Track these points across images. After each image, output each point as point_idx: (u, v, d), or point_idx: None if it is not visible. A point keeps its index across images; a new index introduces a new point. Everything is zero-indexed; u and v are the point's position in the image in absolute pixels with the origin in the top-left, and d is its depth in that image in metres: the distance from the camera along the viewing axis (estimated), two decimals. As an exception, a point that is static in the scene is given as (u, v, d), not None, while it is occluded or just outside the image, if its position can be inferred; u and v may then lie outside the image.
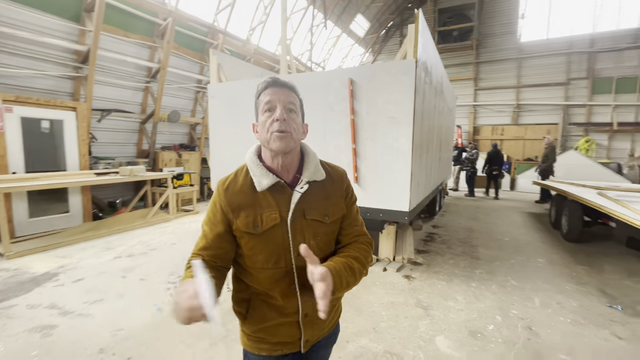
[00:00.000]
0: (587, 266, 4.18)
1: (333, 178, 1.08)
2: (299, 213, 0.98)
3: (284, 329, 1.02)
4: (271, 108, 0.95)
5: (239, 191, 0.99)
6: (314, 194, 1.01)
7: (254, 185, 0.98)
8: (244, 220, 0.96)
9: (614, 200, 4.40)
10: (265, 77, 1.01)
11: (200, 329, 2.67)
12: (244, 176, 1.01)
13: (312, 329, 1.05)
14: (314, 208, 1.01)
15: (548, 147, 8.84)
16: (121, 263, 4.18)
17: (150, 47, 7.13)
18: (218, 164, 5.01)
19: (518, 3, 12.95)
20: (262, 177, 0.97)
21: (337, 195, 1.07)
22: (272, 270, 0.98)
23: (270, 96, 0.96)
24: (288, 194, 0.99)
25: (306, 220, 0.99)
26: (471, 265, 4.21)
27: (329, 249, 1.05)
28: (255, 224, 0.96)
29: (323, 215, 1.02)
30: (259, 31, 9.96)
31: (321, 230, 1.02)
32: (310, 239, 0.99)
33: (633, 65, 11.40)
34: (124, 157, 7.39)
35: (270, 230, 0.96)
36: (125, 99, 7.06)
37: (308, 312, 1.01)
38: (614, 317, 2.94)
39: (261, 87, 0.99)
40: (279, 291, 0.99)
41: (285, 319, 1.01)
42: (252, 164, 1.01)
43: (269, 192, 0.98)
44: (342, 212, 1.07)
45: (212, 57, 5.11)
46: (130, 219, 6.09)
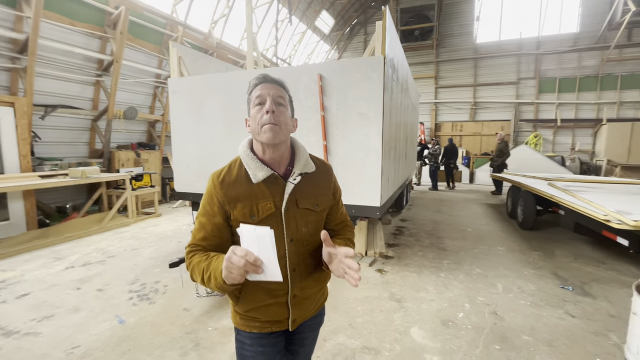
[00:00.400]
0: (541, 252, 4.52)
1: (322, 171, 1.17)
2: (292, 202, 1.06)
3: (273, 308, 1.09)
4: (261, 102, 1.01)
5: (234, 183, 1.04)
6: (305, 184, 1.10)
7: (248, 177, 1.04)
8: (241, 211, 1.02)
9: (563, 190, 4.80)
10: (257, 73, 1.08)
11: (169, 338, 2.51)
12: (237, 169, 1.07)
13: (300, 309, 1.13)
14: (306, 197, 1.09)
15: (501, 142, 9.40)
16: (74, 273, 3.81)
17: (101, 38, 6.57)
18: (181, 163, 4.75)
19: (474, 5, 13.68)
20: (257, 169, 1.03)
21: (326, 186, 1.17)
22: None
23: (261, 91, 1.02)
24: (281, 185, 1.06)
25: (299, 209, 1.08)
26: (439, 256, 4.38)
27: (318, 235, 1.11)
28: (252, 214, 1.02)
29: (314, 205, 1.11)
30: (222, 25, 9.59)
31: (312, 218, 1.11)
32: (302, 226, 1.09)
33: (572, 67, 12.55)
34: (74, 157, 6.76)
35: (266, 219, 1.03)
36: (73, 93, 6.45)
37: (296, 293, 1.11)
38: (567, 297, 3.20)
39: (253, 83, 1.05)
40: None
41: (275, 300, 1.08)
42: (246, 157, 1.06)
43: (264, 183, 1.04)
44: (330, 202, 1.18)
45: (172, 50, 4.81)
46: (83, 225, 5.59)
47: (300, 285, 1.10)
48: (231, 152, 4.37)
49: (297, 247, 1.08)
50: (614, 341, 2.48)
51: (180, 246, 4.78)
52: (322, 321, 1.31)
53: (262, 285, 1.05)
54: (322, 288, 1.23)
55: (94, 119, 6.85)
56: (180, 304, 3.08)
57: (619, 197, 4.11)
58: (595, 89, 12.20)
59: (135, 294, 3.27)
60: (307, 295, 1.14)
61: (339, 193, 1.25)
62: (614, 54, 11.79)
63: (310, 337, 1.27)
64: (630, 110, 11.89)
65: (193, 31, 8.60)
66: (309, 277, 1.13)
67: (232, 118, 4.28)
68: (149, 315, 2.87)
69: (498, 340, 2.50)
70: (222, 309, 2.96)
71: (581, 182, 6.05)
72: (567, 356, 2.31)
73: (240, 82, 4.19)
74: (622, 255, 4.36)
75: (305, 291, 1.13)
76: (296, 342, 1.24)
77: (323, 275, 1.20)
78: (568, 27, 12.65)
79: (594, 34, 12.04)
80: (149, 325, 2.71)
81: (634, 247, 3.17)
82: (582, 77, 12.41)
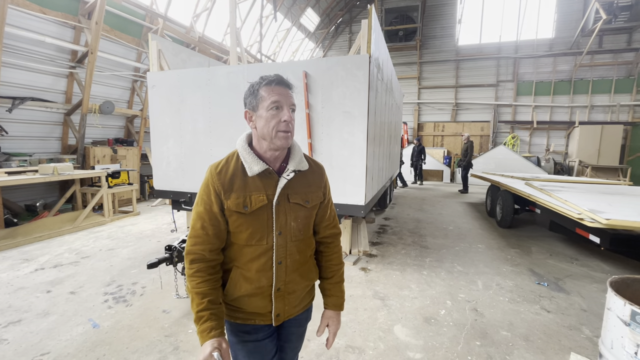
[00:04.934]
0: (518, 249, 4.67)
1: (314, 170, 1.22)
2: (283, 197, 1.11)
3: (257, 300, 1.12)
4: (278, 107, 1.05)
5: (231, 175, 1.09)
6: (297, 181, 1.15)
7: (244, 170, 1.09)
8: (235, 201, 1.06)
9: (539, 189, 4.97)
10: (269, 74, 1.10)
11: (147, 342, 2.41)
12: (234, 162, 1.11)
13: (283, 302, 1.15)
14: (297, 193, 1.14)
15: (467, 142, 9.77)
16: (44, 275, 3.61)
17: (75, 28, 6.26)
18: (161, 160, 4.60)
19: (456, 8, 13.97)
20: (253, 163, 1.08)
21: (317, 185, 1.21)
22: (254, 247, 1.10)
23: (279, 97, 1.05)
24: (275, 179, 1.11)
25: (289, 204, 1.12)
26: (421, 254, 4.44)
27: (307, 232, 1.20)
28: (245, 204, 1.07)
29: (304, 200, 1.15)
30: (204, 18, 9.35)
31: (301, 214, 1.15)
32: (292, 220, 1.13)
33: (548, 71, 13.04)
34: (46, 153, 6.43)
35: (258, 211, 1.08)
36: (44, 85, 6.11)
37: (280, 286, 1.13)
38: (542, 293, 3.31)
39: (266, 82, 1.06)
40: (258, 265, 1.10)
41: (259, 291, 1.11)
42: (243, 151, 1.10)
43: (258, 177, 1.09)
44: (320, 200, 1.22)
45: (152, 43, 4.64)
46: (55, 224, 5.31)
47: (285, 279, 1.13)
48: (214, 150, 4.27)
49: (284, 240, 1.12)
50: (587, 334, 2.59)
51: (160, 246, 4.63)
52: (309, 317, 1.34)
53: (246, 275, 1.10)
54: (308, 286, 1.25)
55: (67, 113, 6.53)
56: (159, 305, 2.97)
57: (591, 197, 4.30)
58: (569, 93, 12.74)
59: (111, 297, 3.14)
60: (291, 290, 1.16)
61: (329, 194, 1.29)
62: (586, 59, 12.34)
63: (296, 332, 1.29)
64: (600, 113, 12.49)
65: (174, 24, 8.34)
66: (294, 272, 1.15)
67: (215, 115, 4.18)
68: (125, 318, 2.76)
69: (478, 336, 2.55)
70: (203, 311, 2.87)
71: (556, 181, 6.30)
72: (543, 350, 2.39)
73: (224, 78, 4.09)
74: (593, 252, 4.56)
75: (290, 286, 1.15)
76: (282, 337, 1.26)
77: (310, 273, 1.23)
78: (544, 32, 13.14)
79: (568, 39, 12.56)
80: (125, 329, 2.60)
81: (605, 245, 3.31)
82: (556, 81, 12.92)
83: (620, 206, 3.70)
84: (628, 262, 4.20)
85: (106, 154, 7.09)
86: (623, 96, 12.10)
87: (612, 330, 1.48)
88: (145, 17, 7.58)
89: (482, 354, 2.34)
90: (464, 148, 9.81)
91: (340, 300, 1.31)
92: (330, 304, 1.30)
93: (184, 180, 4.51)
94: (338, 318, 1.31)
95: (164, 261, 2.83)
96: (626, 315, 1.40)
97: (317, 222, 1.25)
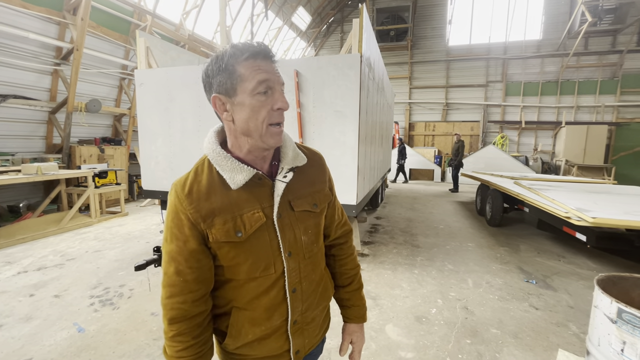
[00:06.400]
0: (507, 247, 4.74)
1: (314, 162, 0.96)
2: (285, 206, 0.84)
3: (270, 342, 0.86)
4: (268, 90, 0.75)
5: (206, 193, 0.79)
6: (297, 181, 0.88)
7: (223, 181, 0.80)
8: (222, 228, 0.78)
9: (528, 188, 5.05)
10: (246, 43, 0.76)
11: (134, 345, 2.36)
12: (207, 173, 0.81)
13: (302, 337, 0.91)
14: (301, 197, 0.88)
15: (458, 142, 9.93)
16: (28, 279, 3.51)
17: (60, 24, 6.09)
18: (149, 160, 4.51)
19: (446, 9, 14.10)
20: (234, 171, 0.79)
21: (321, 180, 0.96)
22: (260, 279, 0.83)
23: (267, 74, 0.75)
24: (268, 185, 0.84)
25: (294, 213, 0.86)
26: (413, 253, 4.46)
27: (319, 242, 0.95)
28: (237, 230, 0.78)
29: (312, 204, 0.90)
30: (194, 16, 9.22)
31: (311, 222, 0.90)
32: (302, 234, 0.87)
33: (536, 72, 13.29)
34: (29, 152, 6.24)
35: (256, 233, 0.80)
36: (27, 83, 5.93)
37: (297, 319, 0.88)
38: (531, 291, 3.36)
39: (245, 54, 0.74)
40: (267, 302, 0.84)
41: (271, 332, 0.86)
42: (217, 156, 0.80)
43: (246, 187, 0.80)
44: (328, 199, 0.97)
45: (140, 40, 4.54)
46: (39, 226, 5.17)
47: (302, 308, 0.88)
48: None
49: (296, 262, 0.86)
50: (574, 331, 2.63)
51: (149, 247, 4.54)
52: (321, 350, 1.07)
53: (253, 317, 0.84)
54: (326, 307, 1.01)
55: (52, 111, 6.35)
56: (147, 308, 2.91)
57: (578, 196, 4.39)
58: (556, 94, 13.00)
59: (97, 300, 3.06)
60: (309, 319, 0.92)
61: (334, 187, 1.05)
62: (572, 61, 12.60)
63: None
64: (586, 114, 12.78)
65: (163, 21, 8.21)
66: (311, 296, 0.91)
67: (205, 114, 4.11)
68: (112, 321, 2.69)
69: (469, 335, 2.57)
70: (192, 313, 2.83)
71: (544, 180, 6.42)
72: (532, 347, 2.42)
73: (213, 76, 4.03)
74: (579, 250, 4.66)
75: (308, 314, 0.91)
76: None
77: (327, 291, 0.99)
78: (532, 34, 13.37)
79: (555, 41, 12.81)
80: (112, 333, 2.53)
81: (591, 242, 3.39)
82: (544, 82, 13.17)
83: (605, 205, 3.78)
84: (613, 260, 4.30)
85: (93, 154, 6.93)
86: (607, 97, 12.40)
87: (599, 328, 1.50)
88: (133, 14, 7.43)
89: (473, 352, 2.36)
90: (455, 148, 9.94)
91: (362, 311, 1.08)
92: (352, 316, 1.07)
93: (173, 180, 4.42)
94: (362, 332, 1.08)
95: (152, 263, 2.77)
96: (613, 313, 1.42)
97: (327, 225, 1.00)
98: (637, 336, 1.31)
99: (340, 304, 1.10)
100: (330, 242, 1.04)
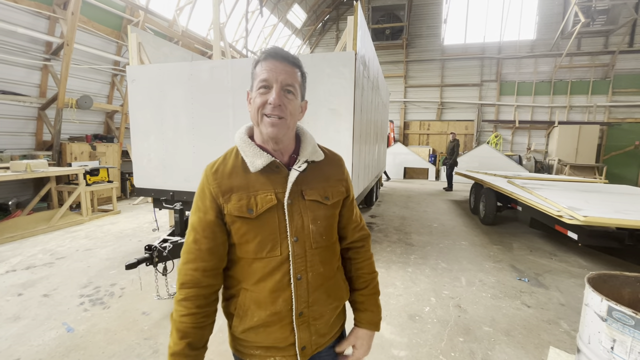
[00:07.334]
0: (500, 245, 4.77)
1: (332, 160, 1.03)
2: (296, 193, 0.91)
3: (274, 330, 0.90)
4: (267, 86, 0.85)
5: (229, 173, 0.90)
6: (312, 174, 0.95)
7: (246, 166, 0.90)
8: (237, 204, 0.87)
9: (521, 187, 5.09)
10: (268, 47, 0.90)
11: (125, 345, 2.32)
12: (234, 158, 0.93)
13: (309, 331, 0.92)
14: (313, 188, 0.94)
15: (454, 141, 10.00)
16: (16, 278, 3.44)
17: (50, 18, 5.98)
18: (141, 157, 4.45)
19: (442, 8, 14.14)
20: (254, 156, 0.89)
21: (336, 178, 1.01)
22: (266, 260, 0.88)
23: (268, 73, 0.85)
24: (284, 174, 0.91)
25: (305, 202, 0.92)
26: (406, 251, 4.47)
27: (330, 236, 0.97)
28: (249, 207, 0.87)
29: (323, 196, 0.95)
30: (188, 12, 9.11)
31: (321, 213, 0.94)
32: (310, 222, 0.92)
33: (529, 72, 13.39)
34: (18, 149, 6.13)
35: (266, 214, 0.88)
36: (16, 78, 5.82)
37: (303, 310, 0.90)
38: (523, 289, 3.39)
39: (260, 57, 0.88)
40: (272, 284, 0.89)
41: (276, 318, 0.89)
42: (243, 143, 0.92)
43: (263, 172, 0.90)
44: (342, 196, 1.01)
45: (132, 35, 4.47)
46: (28, 224, 5.08)
47: (308, 300, 0.91)
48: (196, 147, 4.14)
49: (302, 249, 0.90)
50: (565, 328, 2.66)
51: (141, 245, 4.49)
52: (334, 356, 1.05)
53: (258, 299, 0.89)
54: (338, 307, 1.01)
55: (42, 107, 6.24)
56: (138, 307, 2.88)
57: (570, 194, 4.43)
58: (549, 94, 13.12)
59: (87, 299, 3.01)
60: (317, 314, 0.93)
61: (353, 191, 1.08)
62: (565, 61, 12.72)
63: None
64: (578, 114, 12.93)
65: (156, 17, 8.09)
66: (318, 290, 0.92)
67: (198, 111, 4.07)
68: (102, 321, 2.65)
69: (462, 333, 2.58)
70: (184, 312, 2.80)
71: (537, 179, 6.47)
72: (524, 345, 2.44)
73: (207, 73, 3.98)
74: (571, 248, 4.71)
75: (315, 309, 0.92)
76: None
77: (338, 291, 1.00)
78: (526, 34, 13.47)
79: (549, 41, 12.91)
80: (102, 333, 2.50)
81: (582, 241, 3.42)
82: (537, 81, 13.29)
83: (596, 204, 3.82)
84: (603, 258, 4.35)
85: (84, 151, 6.83)
86: (599, 97, 12.55)
87: (590, 326, 1.51)
88: (125, 9, 7.32)
89: (465, 349, 2.36)
90: (450, 147, 9.99)
91: (376, 317, 1.05)
92: (363, 321, 1.05)
93: (166, 177, 4.38)
94: (369, 341, 1.04)
95: (143, 261, 2.74)
96: (603, 311, 1.43)
97: (343, 226, 1.04)
98: (627, 334, 1.32)
99: (354, 306, 1.09)
100: (347, 244, 1.07)
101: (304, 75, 0.95)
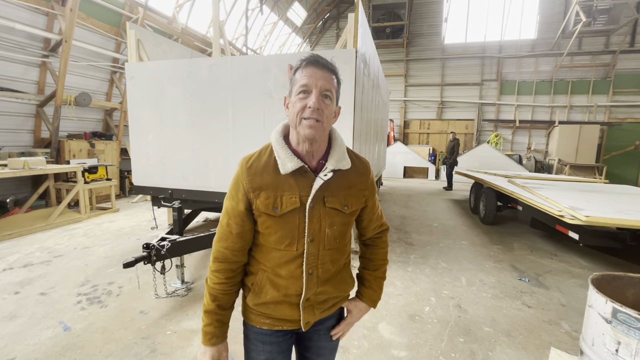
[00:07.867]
0: (501, 245, 4.75)
1: (358, 169, 1.08)
2: (319, 199, 0.99)
3: (284, 307, 1.04)
4: (306, 91, 0.92)
5: (261, 171, 0.99)
6: (336, 182, 1.02)
7: (277, 166, 0.98)
8: (264, 201, 0.97)
9: (521, 186, 5.07)
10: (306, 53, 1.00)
11: (122, 344, 2.30)
12: (267, 156, 1.01)
13: (312, 312, 1.07)
14: (335, 196, 1.01)
15: (454, 141, 9.98)
16: (13, 276, 3.42)
17: (48, 14, 5.93)
18: (140, 155, 4.41)
19: (442, 7, 14.08)
20: (286, 159, 0.97)
21: (359, 186, 1.07)
22: (283, 252, 1.00)
23: (308, 79, 0.92)
24: (310, 179, 0.99)
25: (325, 208, 1.00)
26: (406, 250, 4.45)
27: (342, 240, 1.07)
28: (275, 206, 0.97)
29: (343, 205, 1.03)
30: (187, 9, 9.06)
31: (338, 220, 1.03)
32: (326, 227, 1.01)
33: (530, 71, 13.36)
34: (16, 146, 6.09)
35: (289, 214, 0.98)
36: (13, 75, 5.77)
37: (310, 297, 1.04)
38: (524, 289, 3.37)
39: (301, 64, 0.95)
40: (287, 272, 1.01)
41: (286, 299, 1.03)
42: (277, 145, 1.00)
43: (292, 175, 0.98)
44: (361, 205, 1.09)
45: (130, 32, 4.42)
46: (26, 222, 5.05)
47: (316, 291, 1.04)
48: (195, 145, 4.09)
49: (316, 249, 1.01)
50: (566, 329, 2.64)
51: (140, 243, 4.46)
52: (335, 317, 1.21)
53: (274, 281, 1.03)
54: (340, 297, 1.15)
55: (40, 104, 6.20)
56: (136, 306, 2.85)
57: (571, 194, 4.41)
58: (549, 93, 13.09)
59: (85, 297, 2.99)
60: (321, 300, 1.08)
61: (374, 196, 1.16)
62: (566, 60, 12.69)
63: (328, 346, 1.17)
64: (579, 114, 12.90)
65: (155, 14, 8.04)
66: (326, 283, 1.06)
67: (198, 109, 4.03)
68: (99, 320, 2.63)
69: (462, 333, 2.56)
70: (182, 311, 2.78)
71: (537, 179, 6.45)
72: (524, 345, 2.42)
73: (206, 70, 3.95)
74: (571, 248, 4.69)
75: (321, 297, 1.07)
76: (313, 350, 1.17)
77: (343, 285, 1.12)
78: (527, 33, 13.42)
79: (550, 41, 12.87)
80: (99, 332, 2.47)
81: (584, 241, 3.40)
82: (538, 81, 13.25)
83: (598, 204, 3.80)
84: (604, 258, 4.34)
85: (83, 148, 6.79)
86: (600, 97, 12.52)
87: (593, 328, 1.48)
88: (124, 6, 7.27)
89: (466, 350, 2.34)
90: (450, 146, 9.96)
91: (376, 296, 1.20)
92: (365, 295, 1.19)
93: (165, 175, 4.35)
94: (364, 313, 1.20)
95: (141, 260, 2.72)
96: (607, 313, 1.40)
97: (364, 226, 1.17)
98: (632, 336, 1.30)
99: (361, 282, 1.23)
100: (366, 239, 1.21)
101: (339, 82, 1.01)
